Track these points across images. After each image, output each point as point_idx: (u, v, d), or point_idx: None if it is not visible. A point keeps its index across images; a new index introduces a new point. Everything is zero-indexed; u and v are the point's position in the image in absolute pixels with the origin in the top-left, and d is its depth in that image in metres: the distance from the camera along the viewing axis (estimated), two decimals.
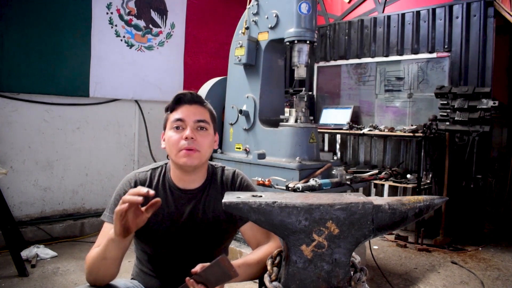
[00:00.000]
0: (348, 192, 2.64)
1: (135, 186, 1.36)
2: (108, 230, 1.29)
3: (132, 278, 1.52)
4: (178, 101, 1.38)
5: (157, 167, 1.46)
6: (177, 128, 1.35)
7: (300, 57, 2.90)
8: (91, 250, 1.27)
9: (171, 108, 1.39)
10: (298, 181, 2.67)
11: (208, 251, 1.41)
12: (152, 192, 1.08)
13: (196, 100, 1.39)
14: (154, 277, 1.44)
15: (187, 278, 1.14)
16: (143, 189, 1.07)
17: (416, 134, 4.11)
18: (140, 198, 1.06)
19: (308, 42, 2.85)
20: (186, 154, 1.32)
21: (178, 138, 1.33)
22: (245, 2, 3.26)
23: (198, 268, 1.13)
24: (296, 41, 2.85)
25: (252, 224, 1.33)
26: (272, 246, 1.34)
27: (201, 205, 1.41)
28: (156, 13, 4.49)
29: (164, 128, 1.41)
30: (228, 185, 1.47)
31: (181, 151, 1.32)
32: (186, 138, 1.32)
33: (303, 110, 3.02)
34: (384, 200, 1.10)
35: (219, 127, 3.41)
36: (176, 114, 1.36)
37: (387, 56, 4.86)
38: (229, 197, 1.09)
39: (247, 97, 3.19)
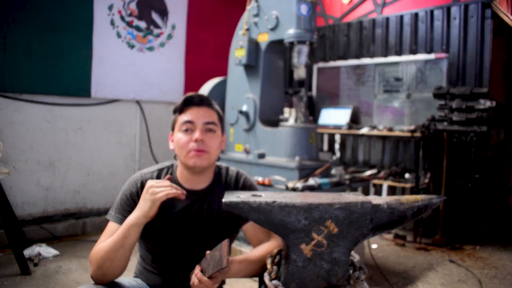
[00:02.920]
0: (347, 192, 2.67)
1: (142, 187, 1.38)
2: (114, 229, 1.31)
3: (135, 276, 1.54)
4: (186, 103, 1.39)
5: (163, 168, 1.47)
6: (186, 130, 1.37)
7: (300, 57, 2.92)
8: (97, 246, 1.28)
9: (179, 109, 1.40)
10: (298, 180, 2.70)
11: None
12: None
13: (204, 102, 1.41)
14: (157, 275, 1.47)
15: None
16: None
17: (415, 134, 4.14)
18: (183, 197, 1.29)
19: (307, 43, 2.88)
20: (195, 155, 1.34)
21: (188, 140, 1.35)
22: (245, 3, 3.29)
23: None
24: (295, 42, 2.87)
25: (254, 223, 1.36)
26: (273, 244, 1.37)
27: (206, 205, 1.43)
28: (157, 14, 4.50)
29: (173, 129, 1.43)
30: (232, 185, 1.49)
31: (191, 152, 1.34)
32: (196, 140, 1.34)
33: (303, 110, 3.05)
34: (383, 199, 1.12)
35: None
36: (185, 116, 1.38)
37: (385, 57, 4.88)
38: (229, 197, 1.10)
39: (247, 97, 3.22)
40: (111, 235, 1.30)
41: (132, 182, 1.41)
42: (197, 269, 1.20)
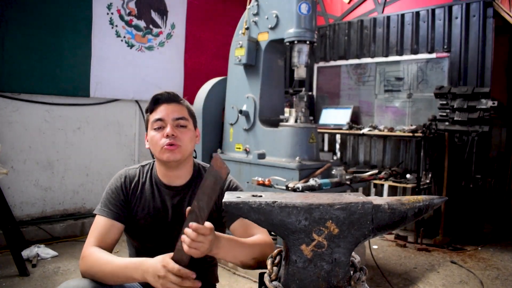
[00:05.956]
0: (347, 192, 2.65)
1: (125, 181, 1.44)
2: (101, 223, 1.35)
3: None
4: (156, 102, 1.43)
5: (145, 164, 1.53)
6: (158, 128, 1.40)
7: (300, 57, 2.91)
8: (92, 248, 1.28)
9: (150, 109, 1.45)
10: (298, 181, 2.68)
11: None
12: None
13: (173, 99, 1.44)
14: None
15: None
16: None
17: (416, 134, 4.12)
18: None
19: (308, 42, 2.86)
20: (168, 149, 1.37)
21: (160, 137, 1.39)
22: (245, 3, 3.27)
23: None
24: (296, 42, 2.86)
25: (241, 222, 1.37)
26: (260, 237, 1.35)
27: (186, 201, 1.44)
28: (156, 13, 4.49)
29: (146, 129, 1.47)
30: None
31: (163, 148, 1.37)
32: (167, 135, 1.37)
33: (303, 110, 3.03)
34: (384, 200, 1.10)
35: (219, 127, 3.42)
36: (155, 115, 1.42)
37: (386, 56, 4.87)
38: (229, 197, 1.09)
39: (247, 97, 3.20)
40: (98, 229, 1.33)
41: (117, 177, 1.47)
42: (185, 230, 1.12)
